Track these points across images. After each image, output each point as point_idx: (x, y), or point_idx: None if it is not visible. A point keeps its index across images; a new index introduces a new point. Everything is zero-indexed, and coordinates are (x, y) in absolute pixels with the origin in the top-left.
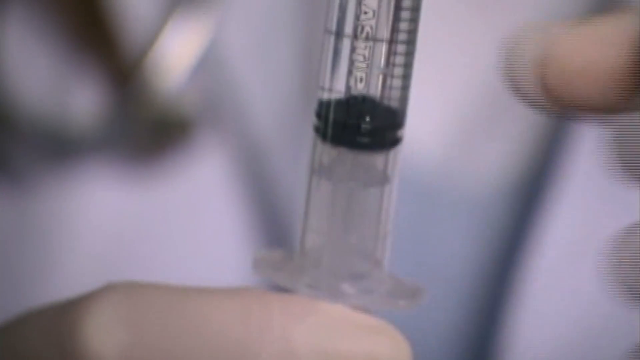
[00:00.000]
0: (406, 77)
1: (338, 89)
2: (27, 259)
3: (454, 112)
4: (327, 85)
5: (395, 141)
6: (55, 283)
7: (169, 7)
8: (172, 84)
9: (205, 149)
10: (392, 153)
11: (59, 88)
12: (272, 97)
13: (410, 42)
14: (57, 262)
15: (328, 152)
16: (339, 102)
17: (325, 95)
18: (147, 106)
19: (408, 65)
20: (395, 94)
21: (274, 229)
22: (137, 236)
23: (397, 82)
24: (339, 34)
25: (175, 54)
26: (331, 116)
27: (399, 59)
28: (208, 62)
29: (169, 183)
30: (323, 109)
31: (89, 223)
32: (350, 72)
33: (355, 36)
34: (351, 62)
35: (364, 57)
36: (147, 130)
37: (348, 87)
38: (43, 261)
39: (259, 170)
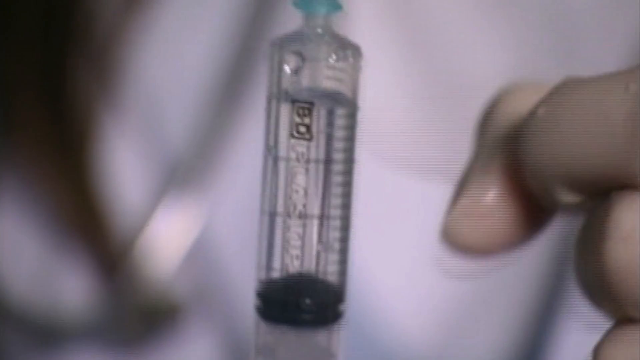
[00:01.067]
0: (343, 251)
1: (275, 267)
2: None
3: (443, 299)
4: (264, 263)
5: (336, 316)
6: None
7: (158, 194)
8: (162, 271)
9: (193, 333)
10: (334, 328)
11: (49, 274)
12: None
13: (344, 218)
14: None
15: (271, 332)
16: (277, 281)
17: (264, 275)
18: (136, 293)
19: (344, 240)
20: (333, 268)
21: None
22: None
23: (333, 257)
24: (272, 213)
25: (165, 241)
26: (270, 295)
27: (333, 234)
28: (197, 249)
29: None
30: (262, 289)
31: None
32: (286, 251)
33: (288, 215)
34: (286, 241)
35: (298, 234)
36: (137, 316)
37: (284, 266)
38: None
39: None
